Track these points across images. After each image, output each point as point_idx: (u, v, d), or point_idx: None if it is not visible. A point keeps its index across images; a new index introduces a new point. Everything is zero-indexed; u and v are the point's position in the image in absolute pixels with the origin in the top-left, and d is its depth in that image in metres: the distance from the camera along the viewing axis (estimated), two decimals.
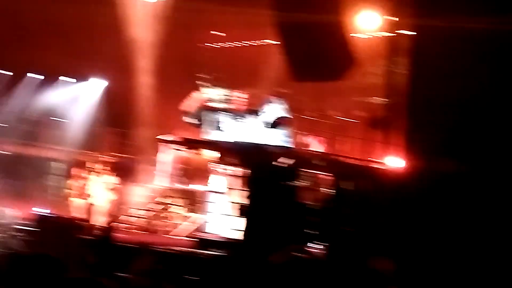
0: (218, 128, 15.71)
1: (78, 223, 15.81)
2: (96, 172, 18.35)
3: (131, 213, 19.39)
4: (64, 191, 18.26)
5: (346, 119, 17.37)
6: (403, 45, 12.54)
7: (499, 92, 8.66)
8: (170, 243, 15.07)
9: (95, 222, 16.71)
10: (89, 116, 23.09)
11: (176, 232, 17.83)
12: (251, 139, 15.41)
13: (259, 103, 15.72)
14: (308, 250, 10.86)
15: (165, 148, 19.20)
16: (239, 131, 15.97)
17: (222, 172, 18.59)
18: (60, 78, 23.31)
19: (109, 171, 17.92)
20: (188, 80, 22.77)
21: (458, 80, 8.71)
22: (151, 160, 21.22)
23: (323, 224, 11.04)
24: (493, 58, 8.75)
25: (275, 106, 15.27)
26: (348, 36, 15.17)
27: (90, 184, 17.74)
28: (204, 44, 23.83)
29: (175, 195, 18.93)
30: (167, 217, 18.50)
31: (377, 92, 19.46)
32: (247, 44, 23.37)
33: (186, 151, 18.84)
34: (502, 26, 8.66)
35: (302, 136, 15.98)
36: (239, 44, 23.66)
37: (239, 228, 12.65)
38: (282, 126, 15.20)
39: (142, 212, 19.14)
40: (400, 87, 11.51)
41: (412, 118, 9.38)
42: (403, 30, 12.39)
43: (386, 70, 13.40)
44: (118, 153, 21.97)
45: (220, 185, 18.66)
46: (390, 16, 12.97)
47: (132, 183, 20.44)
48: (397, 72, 12.22)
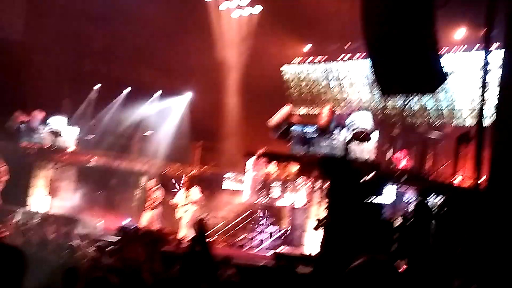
0: (305, 142, 15.59)
1: (164, 236, 16.05)
2: (183, 185, 18.55)
3: (216, 226, 19.50)
4: (151, 204, 18.51)
5: (435, 135, 16.93)
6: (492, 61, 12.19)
7: None
8: (253, 257, 15.06)
9: (181, 235, 16.86)
10: (177, 129, 23.43)
11: (259, 246, 17.81)
12: (336, 153, 15.22)
13: (345, 117, 15.51)
14: (388, 264, 10.56)
15: (252, 162, 19.26)
16: (325, 145, 15.83)
17: (306, 186, 18.52)
18: (152, 92, 23.80)
19: (195, 184, 18.07)
20: (276, 96, 22.92)
21: None
22: (238, 174, 21.32)
23: (405, 239, 10.72)
24: None
25: (361, 120, 15.02)
26: (437, 51, 14.78)
27: (178, 197, 17.92)
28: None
29: (259, 210, 18.92)
30: (250, 231, 18.50)
31: (464, 109, 19.01)
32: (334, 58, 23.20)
33: (273, 166, 18.86)
34: None
35: (389, 151, 15.67)
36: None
37: (320, 242, 12.46)
38: (367, 140, 14.93)
39: (227, 225, 19.24)
40: (489, 104, 11.17)
41: (500, 136, 9.01)
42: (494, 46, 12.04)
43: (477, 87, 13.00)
44: (205, 166, 22.17)
45: (303, 199, 18.59)
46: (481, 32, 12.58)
47: (218, 197, 20.55)
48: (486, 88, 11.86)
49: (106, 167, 21.05)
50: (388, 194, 13.70)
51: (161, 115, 23.44)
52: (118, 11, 21.33)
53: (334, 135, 15.51)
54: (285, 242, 17.95)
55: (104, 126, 22.46)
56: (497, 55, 12.15)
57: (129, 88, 23.65)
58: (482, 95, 11.82)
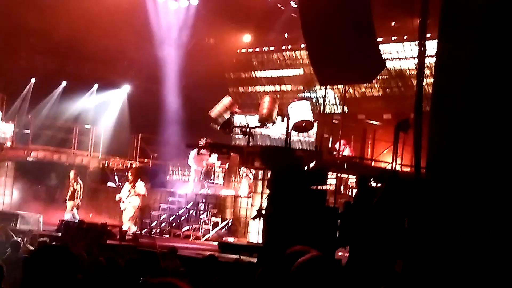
0: (245, 132, 15.70)
1: (108, 229, 15.94)
2: (125, 178, 18.42)
3: (158, 218, 19.47)
4: (72, 195, 18.40)
5: (374, 123, 17.26)
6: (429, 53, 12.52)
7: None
8: (198, 248, 15.12)
9: (125, 227, 16.79)
10: (117, 122, 23.23)
11: (203, 237, 17.87)
12: (277, 143, 15.39)
13: (286, 107, 15.67)
14: (331, 253, 10.78)
15: (193, 153, 19.26)
16: (266, 135, 15.98)
17: (248, 176, 18.65)
18: (89, 86, 23.53)
19: (137, 176, 17.97)
20: (216, 87, 22.94)
21: (479, 91, 8.64)
22: (180, 165, 21.30)
23: (347, 227, 10.93)
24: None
25: (302, 110, 15.20)
26: (376, 40, 15.05)
27: (123, 191, 17.78)
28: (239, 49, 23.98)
29: (203, 200, 18.97)
30: (195, 222, 18.55)
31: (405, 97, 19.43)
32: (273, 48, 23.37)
33: (215, 156, 18.91)
34: None
35: (330, 140, 15.90)
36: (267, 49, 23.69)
37: (262, 231, 12.61)
38: (308, 129, 15.13)
39: (171, 216, 19.23)
40: (428, 93, 11.44)
41: (436, 124, 9.28)
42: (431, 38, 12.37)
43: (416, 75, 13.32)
44: (146, 158, 22.07)
45: (246, 189, 18.72)
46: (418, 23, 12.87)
47: (159, 188, 20.51)
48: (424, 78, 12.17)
49: (45, 161, 20.77)
50: (330, 182, 13.97)
51: (99, 108, 23.21)
52: (53, 1, 20.99)
53: (275, 125, 15.67)
54: (229, 232, 18.07)
55: (41, 121, 22.11)
56: (432, 45, 12.50)
57: (64, 82, 23.35)
58: (419, 83, 12.14)
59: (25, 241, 12.36)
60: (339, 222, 11.40)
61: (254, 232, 15.56)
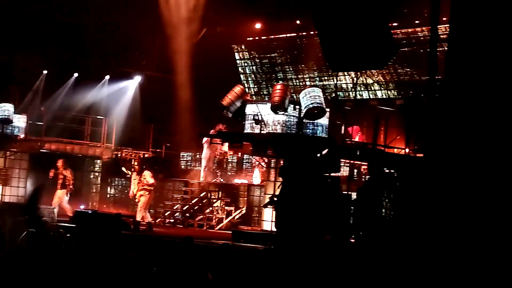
0: (258, 120, 15.66)
1: (121, 219, 15.99)
2: (136, 168, 18.47)
3: (171, 208, 19.53)
4: (61, 182, 18.48)
5: (386, 108, 17.16)
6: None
7: None
8: (210, 236, 15.15)
9: (138, 217, 16.85)
10: (129, 113, 23.26)
11: (216, 226, 17.91)
12: (290, 130, 15.33)
13: (298, 95, 15.63)
14: (344, 239, 10.77)
15: (206, 143, 19.28)
16: (277, 123, 15.92)
17: (260, 164, 18.65)
18: (102, 76, 23.56)
19: (149, 167, 18.00)
20: (228, 75, 22.90)
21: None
22: (194, 155, 21.34)
23: (360, 213, 10.91)
24: None
25: (314, 96, 15.13)
26: (386, 25, 14.94)
27: (132, 180, 17.85)
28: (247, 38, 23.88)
29: (216, 189, 19.01)
30: (208, 211, 18.60)
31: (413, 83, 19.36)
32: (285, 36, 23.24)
33: (226, 145, 18.91)
34: None
35: (342, 126, 15.84)
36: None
37: (275, 219, 12.61)
38: (320, 116, 15.07)
39: (185, 206, 19.28)
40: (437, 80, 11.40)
41: (448, 108, 9.23)
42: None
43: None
44: (159, 148, 22.09)
45: (259, 177, 18.72)
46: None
47: (173, 178, 20.56)
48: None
49: (58, 153, 20.83)
50: (343, 168, 13.94)
51: (111, 99, 23.24)
52: None
53: (288, 112, 15.62)
54: (243, 220, 18.11)
55: (54, 112, 22.17)
56: (444, 29, 12.41)
57: (76, 74, 23.40)
58: (431, 69, 12.06)
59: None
60: (352, 209, 11.39)
61: (268, 221, 15.57)
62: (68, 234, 13.29)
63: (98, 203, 21.32)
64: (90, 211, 17.13)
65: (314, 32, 18.39)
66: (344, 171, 15.14)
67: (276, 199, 12.37)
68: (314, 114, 14.97)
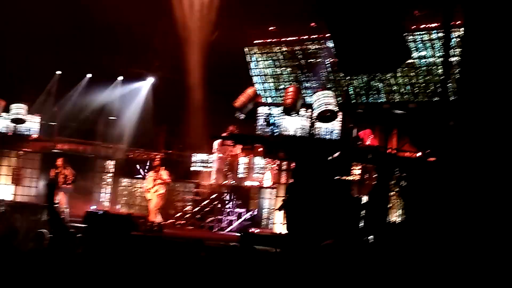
0: (270, 123, 15.68)
1: (132, 219, 16.01)
2: (149, 166, 18.47)
3: (182, 209, 19.55)
4: (62, 181, 18.53)
5: (396, 112, 17.13)
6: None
7: None
8: (220, 238, 15.15)
9: (150, 218, 16.87)
10: (141, 114, 23.34)
11: (227, 228, 17.91)
12: (302, 132, 15.34)
13: (310, 98, 15.63)
14: (354, 242, 10.73)
15: (218, 144, 19.30)
16: (289, 125, 15.92)
17: (273, 167, 18.64)
18: (115, 77, 23.64)
19: (160, 167, 18.04)
20: (241, 77, 22.90)
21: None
22: (205, 156, 21.35)
23: (371, 216, 10.89)
24: None
25: (326, 100, 15.13)
26: (400, 28, 14.91)
27: (147, 180, 17.88)
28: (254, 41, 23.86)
29: (227, 191, 19.00)
30: (219, 213, 18.59)
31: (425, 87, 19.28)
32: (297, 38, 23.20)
33: (239, 147, 18.92)
34: None
35: (354, 129, 15.82)
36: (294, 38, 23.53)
37: (286, 222, 12.59)
38: (332, 119, 15.06)
39: (195, 208, 19.29)
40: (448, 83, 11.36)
41: (462, 112, 9.20)
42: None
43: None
44: (170, 150, 22.14)
45: (270, 180, 18.71)
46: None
47: (184, 179, 20.58)
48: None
49: (71, 153, 20.92)
50: (354, 172, 13.89)
51: (124, 100, 23.32)
52: None
53: (300, 115, 15.62)
54: (253, 223, 18.09)
55: (67, 113, 22.28)
56: (458, 32, 12.36)
57: (89, 74, 23.49)
58: (445, 71, 12.01)
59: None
60: (363, 213, 11.36)
61: (279, 223, 15.56)
62: (79, 235, 13.34)
63: (110, 204, 21.38)
64: (101, 212, 17.18)
65: (327, 35, 18.43)
66: (355, 175, 15.11)
67: (284, 202, 12.35)
68: (326, 117, 14.97)
